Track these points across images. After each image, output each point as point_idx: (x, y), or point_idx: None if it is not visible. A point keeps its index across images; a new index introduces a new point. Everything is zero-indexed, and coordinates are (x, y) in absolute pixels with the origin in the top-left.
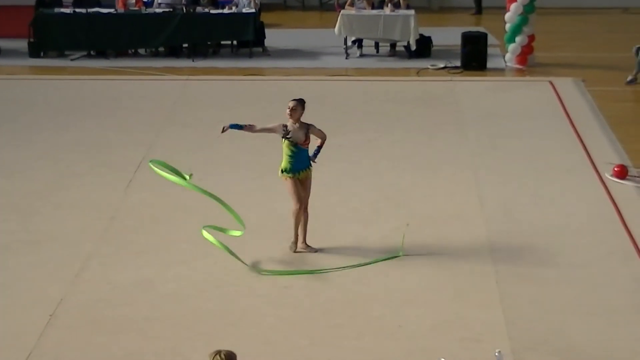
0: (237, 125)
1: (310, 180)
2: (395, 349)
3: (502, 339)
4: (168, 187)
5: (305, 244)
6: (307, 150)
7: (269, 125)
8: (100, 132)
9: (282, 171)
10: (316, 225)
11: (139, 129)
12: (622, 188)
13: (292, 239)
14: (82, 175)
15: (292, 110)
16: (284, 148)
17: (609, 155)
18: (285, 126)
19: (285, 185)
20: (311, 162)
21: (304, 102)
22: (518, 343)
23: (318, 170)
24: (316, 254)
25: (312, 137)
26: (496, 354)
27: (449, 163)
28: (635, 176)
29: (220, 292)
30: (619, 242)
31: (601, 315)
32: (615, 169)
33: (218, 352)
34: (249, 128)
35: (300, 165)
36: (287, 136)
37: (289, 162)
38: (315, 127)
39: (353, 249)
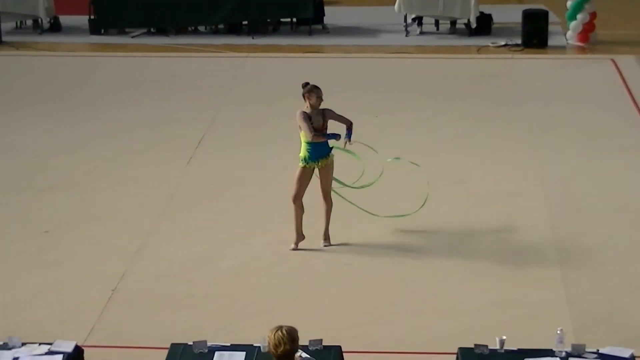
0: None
1: (332, 168)
2: (454, 327)
3: (563, 317)
4: (228, 164)
5: (326, 236)
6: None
7: (304, 124)
8: (161, 109)
9: (301, 160)
10: (378, 200)
11: (199, 106)
12: None
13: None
14: (142, 152)
15: (310, 95)
16: (302, 136)
17: None
18: (304, 112)
19: (297, 173)
20: (346, 141)
21: (317, 87)
22: (579, 321)
23: (378, 148)
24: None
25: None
26: (558, 332)
27: (509, 141)
28: None
29: (280, 269)
30: None
31: None
32: None
33: (280, 328)
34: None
35: (319, 153)
36: (310, 122)
37: (307, 150)
38: (333, 111)
39: (410, 226)
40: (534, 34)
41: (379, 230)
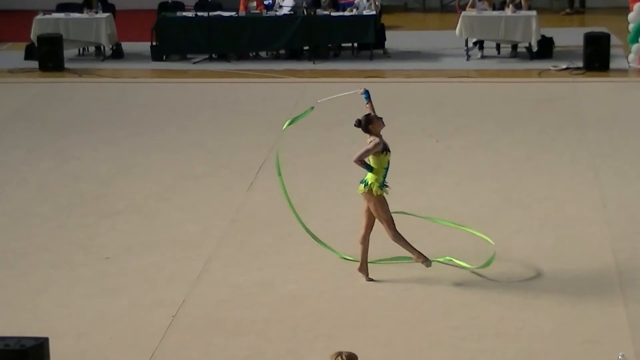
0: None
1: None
2: (515, 352)
3: (625, 342)
4: (289, 189)
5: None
6: None
7: (367, 148)
8: (222, 134)
9: (379, 187)
10: (436, 227)
11: (260, 131)
12: None
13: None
14: (203, 177)
15: (375, 124)
16: (380, 162)
17: None
18: (383, 141)
19: (379, 204)
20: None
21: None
22: None
23: (437, 173)
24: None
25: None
26: (620, 357)
27: (570, 165)
28: None
29: (340, 294)
30: None
31: None
32: None
33: (340, 354)
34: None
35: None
36: (387, 148)
37: (384, 175)
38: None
39: (471, 250)
40: (596, 57)
41: (438, 254)
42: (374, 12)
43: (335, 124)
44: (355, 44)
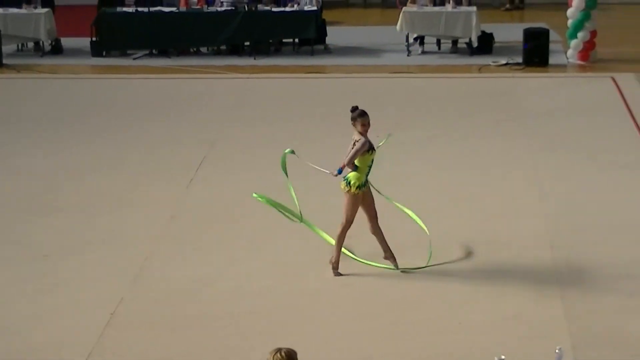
0: (339, 170)
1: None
2: (454, 347)
3: (562, 335)
4: (229, 186)
5: (392, 256)
6: None
7: (356, 150)
8: (162, 130)
9: (357, 186)
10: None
11: (201, 127)
12: None
13: (333, 260)
14: (143, 175)
15: (356, 122)
16: (364, 161)
17: None
18: (369, 140)
19: (351, 200)
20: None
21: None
22: (579, 339)
23: (377, 168)
24: (373, 247)
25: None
26: (557, 350)
27: (510, 160)
28: None
29: (280, 290)
30: None
31: None
32: None
33: (278, 350)
34: (346, 166)
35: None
36: (374, 148)
37: (366, 174)
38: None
39: (412, 245)
40: (535, 52)
41: (380, 250)
42: (315, 8)
43: (278, 119)
44: (297, 40)
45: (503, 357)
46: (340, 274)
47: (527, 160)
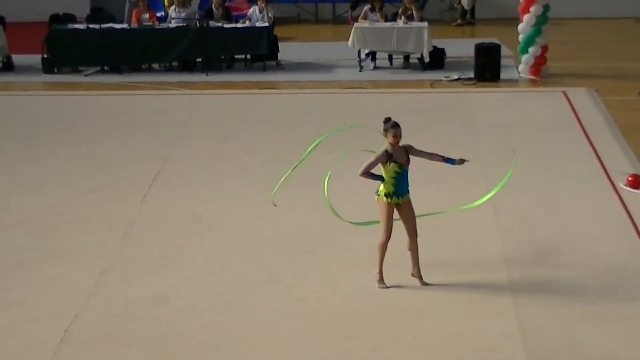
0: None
1: (412, 206)
2: None
3: (517, 349)
4: (182, 201)
5: (419, 274)
6: (408, 172)
7: (371, 160)
8: (115, 147)
9: (385, 195)
10: (333, 236)
11: (153, 144)
12: (636, 197)
13: (377, 276)
14: (97, 191)
15: (387, 133)
16: (386, 172)
17: (622, 164)
18: (386, 151)
19: (380, 208)
20: (458, 163)
21: (397, 124)
22: (533, 353)
23: (330, 182)
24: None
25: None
26: None
27: (463, 174)
28: None
29: (236, 306)
30: (633, 251)
31: (617, 324)
32: (629, 178)
33: None
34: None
35: (403, 188)
36: (392, 159)
37: (393, 185)
38: (414, 147)
39: (365, 260)
40: (487, 67)
41: (335, 265)
42: (266, 24)
43: (231, 135)
44: (249, 56)
45: None
46: (385, 286)
47: (481, 175)
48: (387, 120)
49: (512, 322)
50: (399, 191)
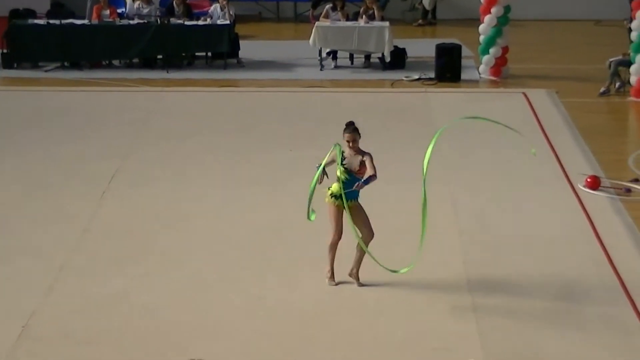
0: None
1: (363, 211)
2: None
3: (475, 349)
4: (142, 199)
5: (357, 275)
6: (360, 180)
7: (331, 157)
8: (74, 143)
9: (330, 194)
10: (290, 236)
11: (113, 141)
12: (594, 199)
13: (328, 273)
14: (55, 187)
15: (353, 141)
16: (339, 174)
17: (581, 166)
18: (343, 152)
19: (328, 209)
20: (358, 184)
21: (348, 127)
22: (491, 354)
23: (289, 182)
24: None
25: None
26: None
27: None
28: (607, 187)
29: (195, 304)
30: (592, 252)
31: (573, 325)
32: (588, 179)
33: None
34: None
35: (349, 194)
36: (343, 163)
37: (341, 187)
38: (371, 158)
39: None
40: (447, 68)
41: (294, 264)
42: (228, 22)
43: (191, 133)
44: (209, 53)
45: None
46: (335, 283)
47: (440, 176)
48: (348, 124)
49: (471, 322)
50: (347, 195)
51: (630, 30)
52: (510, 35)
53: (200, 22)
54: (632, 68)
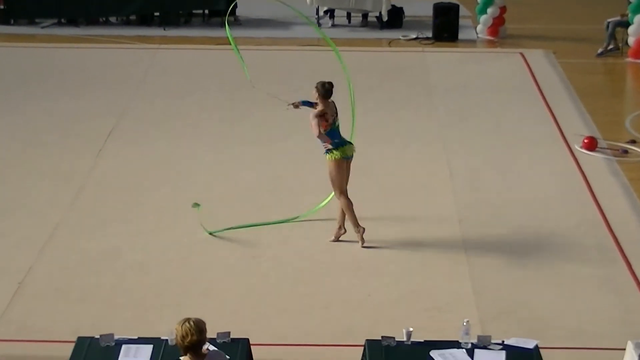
0: (308, 102)
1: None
2: (362, 319)
3: (469, 308)
4: (138, 157)
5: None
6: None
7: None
8: (71, 101)
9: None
10: (285, 195)
11: (109, 98)
12: (591, 160)
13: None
14: (52, 145)
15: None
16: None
17: (578, 127)
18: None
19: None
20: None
21: (323, 85)
22: (485, 313)
23: (287, 140)
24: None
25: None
26: (464, 323)
27: (419, 134)
28: (604, 148)
29: (189, 262)
30: (587, 213)
31: (567, 286)
32: (585, 140)
33: (187, 320)
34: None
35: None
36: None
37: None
38: (313, 113)
39: (322, 219)
40: (445, 27)
41: (289, 223)
42: None
43: (187, 92)
44: (206, 11)
45: (411, 329)
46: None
47: (436, 136)
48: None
49: (465, 282)
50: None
51: None
52: None
53: None
54: (630, 29)
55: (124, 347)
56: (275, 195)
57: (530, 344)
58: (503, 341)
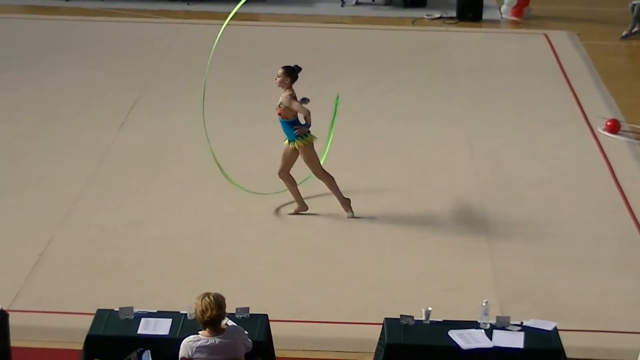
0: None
1: (297, 153)
2: (380, 298)
3: (488, 289)
4: (160, 131)
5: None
6: (286, 123)
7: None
8: (93, 74)
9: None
10: (305, 168)
11: (132, 72)
12: (613, 142)
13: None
14: (74, 117)
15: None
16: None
17: (601, 109)
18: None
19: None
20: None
21: (289, 69)
22: (504, 294)
23: (312, 116)
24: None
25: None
26: (483, 304)
27: (441, 114)
28: (627, 131)
29: (209, 237)
30: (609, 196)
31: (586, 269)
32: (608, 123)
33: (207, 294)
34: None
35: (286, 136)
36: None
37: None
38: (287, 99)
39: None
40: (469, 7)
41: (309, 199)
42: None
43: (211, 66)
44: None
45: (430, 308)
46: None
47: (458, 115)
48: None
49: (485, 263)
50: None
51: None
52: None
53: None
54: None
55: (143, 320)
56: (298, 171)
57: (549, 326)
58: (522, 322)
